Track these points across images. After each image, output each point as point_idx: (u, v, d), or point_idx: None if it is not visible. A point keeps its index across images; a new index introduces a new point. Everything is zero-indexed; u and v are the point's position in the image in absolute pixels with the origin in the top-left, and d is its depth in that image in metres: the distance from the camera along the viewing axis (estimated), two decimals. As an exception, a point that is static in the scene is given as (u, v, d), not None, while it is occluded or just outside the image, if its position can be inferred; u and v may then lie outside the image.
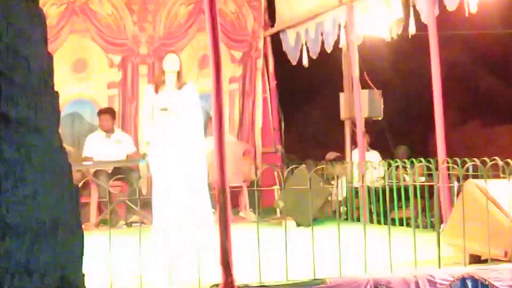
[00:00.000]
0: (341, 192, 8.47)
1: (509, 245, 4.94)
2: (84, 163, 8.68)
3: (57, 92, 2.12)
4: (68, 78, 9.61)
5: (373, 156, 9.35)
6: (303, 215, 7.52)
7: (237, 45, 10.48)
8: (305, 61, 9.60)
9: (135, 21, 9.94)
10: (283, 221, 5.35)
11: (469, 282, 4.73)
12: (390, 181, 6.91)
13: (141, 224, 5.88)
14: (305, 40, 9.65)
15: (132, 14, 9.93)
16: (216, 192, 4.30)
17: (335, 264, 4.56)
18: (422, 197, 7.07)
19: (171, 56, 6.55)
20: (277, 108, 10.79)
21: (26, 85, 1.90)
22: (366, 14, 8.32)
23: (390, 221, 5.30)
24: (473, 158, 5.67)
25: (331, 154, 10.22)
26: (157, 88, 6.49)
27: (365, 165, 7.76)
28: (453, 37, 12.03)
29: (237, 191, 9.17)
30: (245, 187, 9.24)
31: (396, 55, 11.42)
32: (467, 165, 5.75)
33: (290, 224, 7.46)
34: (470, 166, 5.92)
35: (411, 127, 14.25)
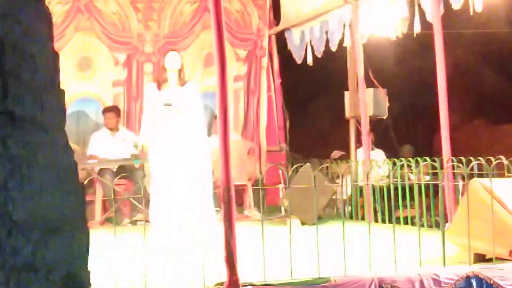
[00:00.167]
0: (346, 191, 8.46)
1: (514, 244, 4.93)
2: (89, 161, 8.70)
3: (63, 90, 2.12)
4: (73, 77, 9.63)
5: (378, 155, 9.34)
6: (308, 214, 7.53)
7: (242, 44, 10.48)
8: (310, 60, 9.60)
9: (140, 20, 9.95)
10: (288, 220, 5.34)
11: (474, 281, 4.72)
12: (395, 180, 6.90)
13: (146, 222, 5.89)
14: (310, 39, 9.65)
15: (137, 13, 9.94)
16: (221, 191, 4.30)
17: (340, 263, 4.56)
18: (427, 196, 7.05)
19: (172, 54, 6.56)
20: (282, 107, 10.78)
21: (33, 83, 1.91)
22: (371, 13, 8.31)
23: (395, 220, 5.29)
24: (478, 157, 5.66)
25: (336, 153, 10.22)
26: (160, 86, 6.50)
27: (370, 164, 7.76)
28: (458, 36, 12.00)
29: (242, 190, 9.17)
30: (250, 186, 9.24)
31: (401, 54, 11.40)
32: (472, 164, 5.73)
33: (295, 223, 7.46)
34: (475, 165, 5.91)
35: (416, 126, 14.24)
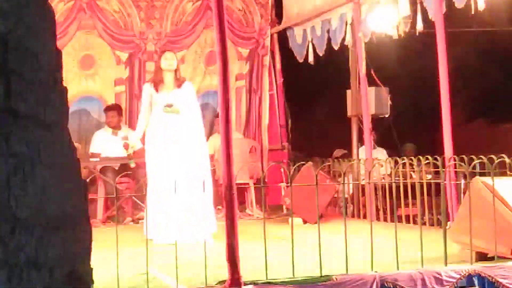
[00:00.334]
0: (348, 190, 8.46)
1: (516, 243, 4.94)
2: (91, 160, 8.71)
3: (66, 88, 2.12)
4: (75, 75, 9.62)
5: (380, 154, 9.34)
6: (310, 212, 7.53)
7: (244, 42, 10.48)
8: (311, 58, 9.60)
9: (142, 18, 9.95)
10: (290, 218, 5.34)
11: (476, 280, 4.72)
12: (397, 179, 6.90)
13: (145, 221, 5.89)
14: (312, 37, 9.65)
15: (139, 11, 9.94)
16: (223, 189, 4.30)
17: (342, 261, 4.57)
18: (429, 195, 7.05)
19: (168, 55, 6.56)
20: (284, 105, 10.77)
21: (35, 81, 1.91)
22: (373, 11, 8.31)
23: (397, 219, 5.30)
24: (480, 156, 5.65)
25: (338, 151, 10.22)
26: (157, 87, 6.49)
27: (372, 163, 7.76)
28: (461, 35, 11.99)
29: (244, 188, 9.18)
30: (252, 184, 9.25)
31: (403, 52, 11.38)
32: (474, 163, 5.73)
33: (297, 221, 7.47)
34: (477, 164, 5.91)
35: (418, 125, 14.23)
